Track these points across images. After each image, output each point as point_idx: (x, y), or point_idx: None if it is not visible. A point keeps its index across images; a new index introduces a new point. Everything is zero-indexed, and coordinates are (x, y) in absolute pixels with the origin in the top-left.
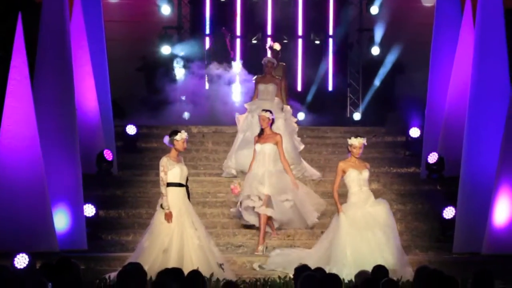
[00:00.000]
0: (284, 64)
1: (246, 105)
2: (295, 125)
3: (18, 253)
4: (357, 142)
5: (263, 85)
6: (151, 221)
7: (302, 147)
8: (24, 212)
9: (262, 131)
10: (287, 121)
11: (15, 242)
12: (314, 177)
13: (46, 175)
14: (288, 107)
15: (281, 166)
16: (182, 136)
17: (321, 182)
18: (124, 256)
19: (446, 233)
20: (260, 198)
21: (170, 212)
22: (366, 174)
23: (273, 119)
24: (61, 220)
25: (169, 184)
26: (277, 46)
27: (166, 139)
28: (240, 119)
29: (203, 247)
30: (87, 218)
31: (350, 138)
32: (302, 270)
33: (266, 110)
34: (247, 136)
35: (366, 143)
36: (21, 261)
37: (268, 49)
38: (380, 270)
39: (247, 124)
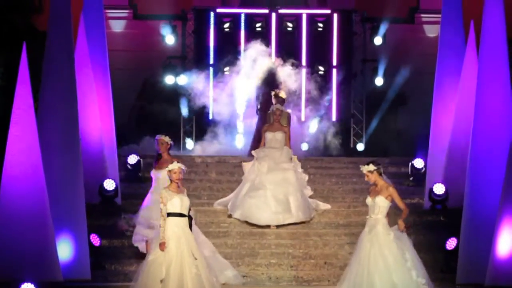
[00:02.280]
0: (289, 111)
1: (253, 153)
2: (305, 176)
3: (23, 282)
4: (363, 170)
5: (271, 133)
6: (150, 250)
7: (310, 193)
8: (28, 241)
9: (159, 155)
10: (297, 173)
11: (18, 271)
12: (326, 207)
13: (49, 204)
14: (295, 158)
15: None
16: (173, 166)
17: (325, 212)
18: (127, 286)
19: (450, 264)
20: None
21: (163, 243)
22: (377, 200)
23: (171, 144)
24: (64, 250)
25: (169, 214)
26: (282, 94)
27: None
28: (246, 166)
29: (201, 276)
30: (91, 248)
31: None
32: None
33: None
34: (256, 183)
35: (369, 170)
36: None
37: (273, 97)
38: None
39: (254, 171)
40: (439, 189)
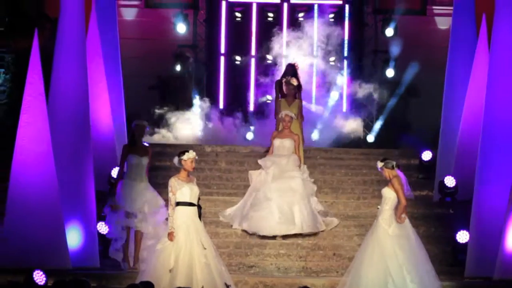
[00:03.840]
0: (300, 100)
1: (260, 162)
2: (313, 185)
3: (33, 270)
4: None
5: (279, 140)
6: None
7: (319, 208)
8: (37, 228)
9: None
10: (305, 181)
11: (27, 258)
12: (334, 223)
13: (59, 191)
14: (305, 166)
15: None
16: (189, 155)
17: (334, 203)
18: (135, 275)
19: (458, 257)
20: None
21: (172, 232)
22: (384, 191)
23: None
24: (73, 237)
25: (178, 203)
26: (294, 81)
27: (175, 160)
28: (253, 175)
29: (210, 266)
30: (100, 236)
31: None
32: None
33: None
34: (260, 197)
35: (379, 167)
36: (38, 278)
37: (283, 84)
38: None
39: (260, 181)
40: (449, 181)
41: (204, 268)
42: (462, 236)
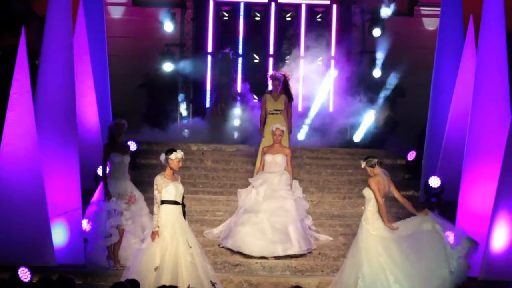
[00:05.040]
0: (285, 95)
1: (250, 180)
2: (306, 203)
3: (18, 267)
4: None
5: (271, 156)
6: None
7: (311, 224)
8: (23, 225)
9: (113, 139)
10: (298, 201)
11: (12, 255)
12: (327, 240)
13: (45, 189)
14: (297, 183)
15: None
16: (177, 155)
17: (320, 203)
18: (120, 273)
19: None
20: None
21: (157, 231)
22: (364, 192)
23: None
24: (59, 235)
25: (163, 202)
26: (279, 77)
27: (162, 157)
28: (242, 194)
29: (196, 264)
30: (85, 233)
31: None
32: None
33: None
34: (249, 210)
35: (363, 167)
36: (23, 275)
37: (269, 80)
38: None
39: (250, 201)
40: (434, 182)
41: (190, 267)
42: (449, 237)
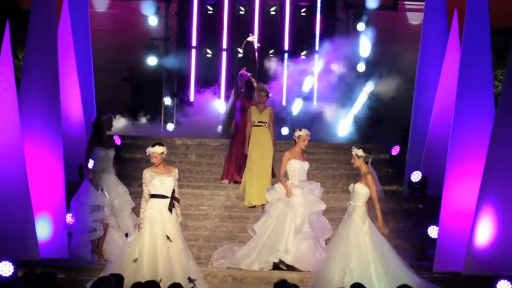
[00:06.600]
0: (271, 108)
1: (292, 189)
2: (323, 205)
3: (1, 260)
4: (353, 152)
5: (299, 162)
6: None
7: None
8: (6, 219)
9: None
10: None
11: None
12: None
13: (29, 183)
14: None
15: None
16: (150, 150)
17: None
18: (104, 266)
19: (428, 252)
20: None
21: (139, 224)
22: (356, 187)
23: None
24: (43, 229)
25: (151, 196)
26: (266, 88)
27: (147, 150)
28: (272, 208)
29: (171, 258)
30: (69, 227)
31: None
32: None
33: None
34: (298, 224)
35: (357, 154)
36: (6, 269)
37: (256, 91)
38: None
39: (284, 213)
40: (416, 176)
41: (165, 260)
42: (433, 231)
